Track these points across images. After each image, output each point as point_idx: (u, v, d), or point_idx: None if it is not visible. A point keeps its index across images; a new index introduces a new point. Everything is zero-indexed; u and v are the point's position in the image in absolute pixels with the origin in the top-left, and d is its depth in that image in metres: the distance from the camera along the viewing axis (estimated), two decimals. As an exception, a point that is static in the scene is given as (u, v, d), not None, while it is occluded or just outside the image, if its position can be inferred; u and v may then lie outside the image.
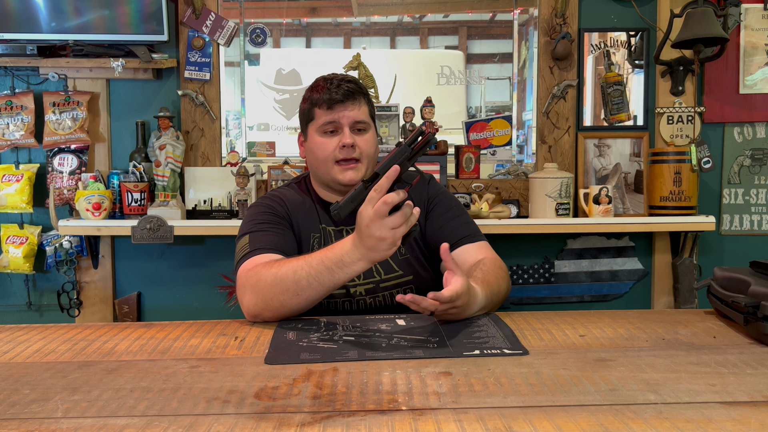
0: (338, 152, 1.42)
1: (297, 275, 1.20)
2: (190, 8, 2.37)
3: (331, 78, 1.45)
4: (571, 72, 2.42)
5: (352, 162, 1.43)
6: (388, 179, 1.10)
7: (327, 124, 1.43)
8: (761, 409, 0.80)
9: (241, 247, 1.39)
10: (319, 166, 1.46)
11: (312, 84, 1.49)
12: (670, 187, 2.30)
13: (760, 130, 2.48)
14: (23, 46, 2.28)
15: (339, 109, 1.42)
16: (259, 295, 1.24)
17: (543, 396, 0.85)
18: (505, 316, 1.29)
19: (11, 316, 2.45)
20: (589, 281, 2.49)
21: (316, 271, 1.19)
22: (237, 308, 2.44)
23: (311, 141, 1.47)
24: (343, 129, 1.42)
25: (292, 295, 1.21)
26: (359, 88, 1.46)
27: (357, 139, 1.43)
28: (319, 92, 1.44)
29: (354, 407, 0.81)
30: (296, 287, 1.20)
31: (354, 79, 1.48)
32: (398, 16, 2.86)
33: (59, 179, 2.36)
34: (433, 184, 1.55)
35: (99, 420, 0.78)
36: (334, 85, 1.42)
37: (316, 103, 1.44)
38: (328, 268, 1.18)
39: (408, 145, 1.12)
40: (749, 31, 2.43)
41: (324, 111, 1.43)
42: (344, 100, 1.42)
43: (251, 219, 1.45)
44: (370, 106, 1.50)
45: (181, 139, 2.28)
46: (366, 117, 1.46)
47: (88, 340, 1.15)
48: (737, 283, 1.21)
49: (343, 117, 1.42)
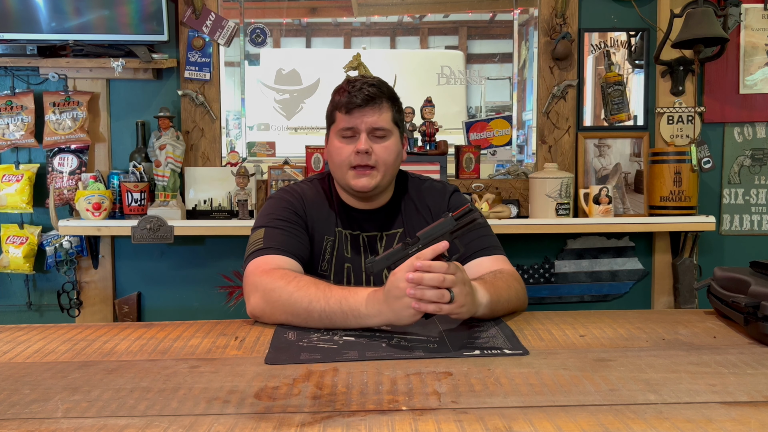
0: (353, 158, 1.39)
1: (311, 306, 1.18)
2: (190, 8, 2.37)
3: (355, 81, 1.41)
4: (571, 72, 2.42)
5: (366, 168, 1.39)
6: (434, 253, 1.07)
7: (345, 129, 1.40)
8: (761, 409, 0.80)
9: (255, 240, 1.38)
10: (335, 169, 1.44)
11: (337, 86, 1.45)
12: (670, 187, 2.30)
13: (760, 130, 2.48)
14: (23, 46, 2.28)
15: (357, 114, 1.38)
16: (268, 306, 1.24)
17: (543, 396, 0.85)
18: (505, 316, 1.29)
19: (11, 316, 2.45)
20: (589, 281, 2.49)
21: (331, 311, 1.17)
22: (237, 308, 2.46)
23: (331, 144, 1.45)
24: (360, 135, 1.39)
25: (301, 321, 1.20)
26: (382, 93, 1.40)
27: (374, 146, 1.39)
28: (341, 95, 1.40)
29: (354, 407, 0.81)
30: (307, 316, 1.19)
31: (380, 83, 1.42)
32: (398, 16, 2.86)
33: (59, 179, 2.36)
34: (456, 197, 1.52)
35: (99, 420, 0.78)
36: (355, 89, 1.38)
37: (337, 106, 1.41)
38: (344, 312, 1.16)
39: (455, 219, 1.09)
40: (749, 31, 2.43)
41: (343, 115, 1.40)
42: (364, 105, 1.37)
43: (269, 212, 1.43)
44: (396, 111, 1.44)
45: (181, 139, 2.28)
46: (387, 123, 1.40)
47: (88, 340, 1.15)
48: (737, 283, 1.21)
49: (362, 122, 1.38)
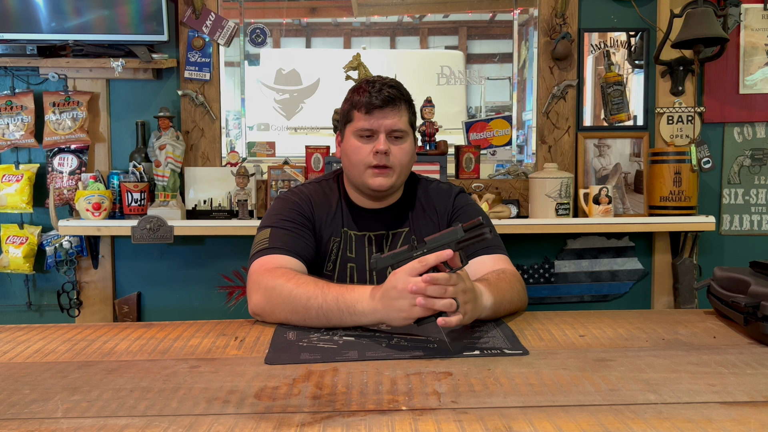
0: (372, 158, 1.39)
1: (309, 303, 1.20)
2: (190, 8, 2.36)
3: (374, 81, 1.42)
4: (571, 72, 2.42)
5: (384, 168, 1.40)
6: (437, 259, 1.07)
7: (364, 129, 1.40)
8: (761, 409, 0.80)
9: (260, 240, 1.38)
10: (352, 168, 1.44)
11: (355, 85, 1.46)
12: (670, 187, 2.30)
13: (760, 130, 2.48)
14: (23, 46, 2.28)
15: (377, 114, 1.39)
16: (269, 304, 1.25)
17: (543, 396, 0.85)
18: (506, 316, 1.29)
19: (11, 316, 2.45)
20: (589, 281, 2.49)
21: (328, 307, 1.18)
22: (237, 308, 2.46)
23: (347, 142, 1.44)
24: (379, 135, 1.40)
25: (299, 318, 1.21)
26: (401, 95, 1.41)
27: (392, 148, 1.40)
28: (360, 95, 1.40)
29: (354, 407, 0.81)
30: (305, 313, 1.20)
31: (398, 84, 1.43)
32: (398, 16, 2.85)
33: (59, 179, 2.36)
34: (460, 197, 1.52)
35: (99, 420, 0.78)
36: (375, 89, 1.39)
37: (355, 106, 1.41)
38: (340, 308, 1.17)
39: (464, 230, 1.08)
40: (749, 31, 2.43)
41: (362, 115, 1.40)
42: (383, 106, 1.38)
43: (276, 213, 1.44)
44: (411, 113, 1.45)
45: (181, 139, 2.28)
46: (404, 125, 1.42)
47: (88, 340, 1.15)
48: (737, 283, 1.21)
49: (381, 124, 1.39)
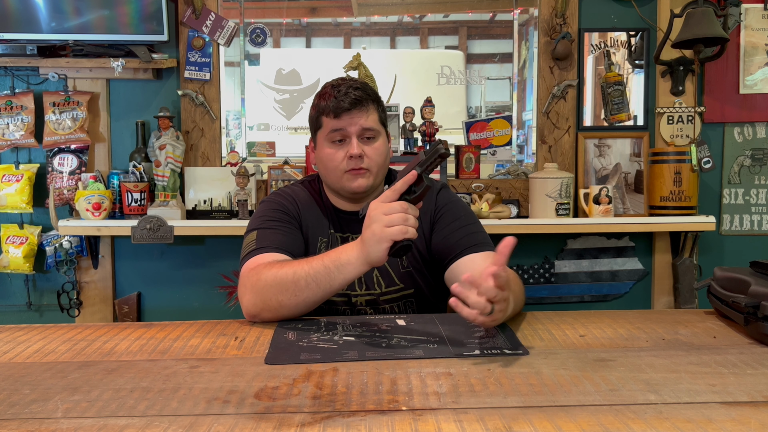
0: (346, 162, 1.39)
1: (296, 275, 1.20)
2: (190, 8, 2.36)
3: (339, 84, 1.41)
4: (571, 72, 2.42)
5: (360, 170, 1.40)
6: (405, 183, 1.13)
7: (334, 132, 1.39)
8: (761, 409, 0.80)
9: (248, 243, 1.38)
10: (329, 175, 1.43)
11: (320, 90, 1.45)
12: (670, 187, 2.30)
13: (760, 130, 2.48)
14: (23, 46, 2.28)
15: (346, 117, 1.38)
16: (258, 295, 1.24)
17: (543, 396, 0.84)
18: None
19: (11, 316, 2.45)
20: (589, 281, 2.49)
21: (315, 271, 1.19)
22: (237, 308, 2.45)
23: (320, 150, 1.44)
24: (351, 138, 1.39)
25: (290, 295, 1.21)
26: (368, 95, 1.41)
27: (365, 148, 1.39)
28: (326, 100, 1.40)
29: (354, 407, 0.81)
30: (294, 287, 1.20)
31: (363, 85, 1.43)
32: (398, 16, 2.86)
33: (59, 179, 2.36)
34: (443, 193, 1.49)
35: (99, 420, 0.78)
36: (341, 93, 1.38)
37: (323, 111, 1.41)
38: (326, 267, 1.18)
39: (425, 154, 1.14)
40: (749, 31, 2.43)
41: (331, 120, 1.39)
42: (351, 108, 1.37)
43: (261, 215, 1.44)
44: (381, 111, 1.44)
45: (181, 139, 2.28)
46: (375, 124, 1.41)
47: (88, 340, 1.15)
48: (737, 283, 1.21)
49: (351, 125, 1.38)
